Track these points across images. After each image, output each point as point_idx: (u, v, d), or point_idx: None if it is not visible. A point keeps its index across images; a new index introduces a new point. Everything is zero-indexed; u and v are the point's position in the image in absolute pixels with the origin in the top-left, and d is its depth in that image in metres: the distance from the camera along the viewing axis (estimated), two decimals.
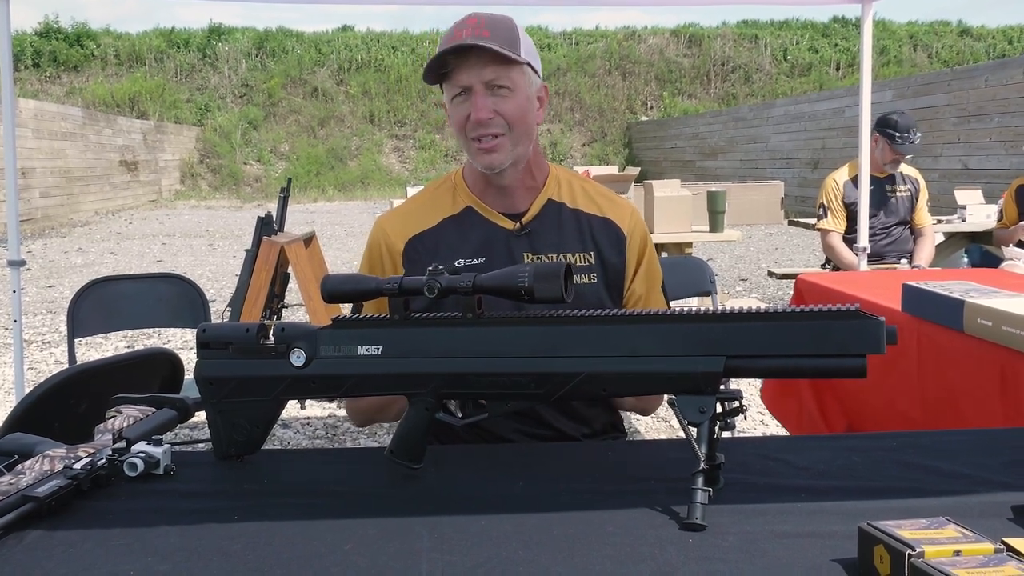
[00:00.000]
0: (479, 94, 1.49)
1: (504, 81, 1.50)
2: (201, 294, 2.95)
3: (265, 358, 1.20)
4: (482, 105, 1.49)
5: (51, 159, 15.83)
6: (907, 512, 0.93)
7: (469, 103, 1.51)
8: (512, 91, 1.51)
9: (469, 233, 1.59)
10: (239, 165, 25.20)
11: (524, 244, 1.58)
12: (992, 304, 1.91)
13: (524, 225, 1.59)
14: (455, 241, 1.59)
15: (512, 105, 1.51)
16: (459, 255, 1.57)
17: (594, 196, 1.66)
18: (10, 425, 1.26)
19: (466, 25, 1.49)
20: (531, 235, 1.59)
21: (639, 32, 30.49)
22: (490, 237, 1.59)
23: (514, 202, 1.61)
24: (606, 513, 1.03)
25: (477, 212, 1.61)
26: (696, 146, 21.39)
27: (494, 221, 1.60)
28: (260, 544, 0.97)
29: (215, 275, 9.25)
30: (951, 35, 29.51)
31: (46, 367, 5.37)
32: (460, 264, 1.55)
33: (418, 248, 1.60)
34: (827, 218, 4.81)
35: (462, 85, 1.51)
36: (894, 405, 2.26)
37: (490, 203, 1.61)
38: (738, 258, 10.42)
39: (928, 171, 7.66)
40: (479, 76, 1.49)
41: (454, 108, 1.54)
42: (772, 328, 1.04)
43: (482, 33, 1.47)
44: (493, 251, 1.57)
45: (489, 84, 1.50)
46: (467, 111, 1.51)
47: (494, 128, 1.51)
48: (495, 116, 1.50)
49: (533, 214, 1.61)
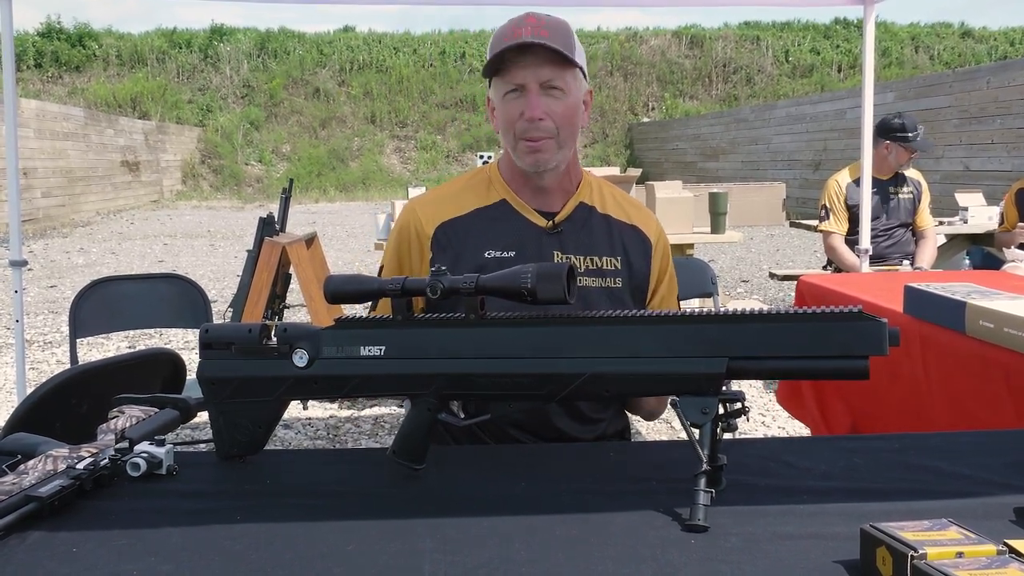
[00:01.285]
0: (533, 93, 1.50)
1: (558, 83, 1.51)
2: (203, 294, 2.95)
3: (267, 358, 1.20)
4: (536, 104, 1.50)
5: (53, 159, 15.83)
6: (910, 514, 0.93)
7: (522, 101, 1.51)
8: (565, 93, 1.52)
9: (501, 226, 1.59)
10: (240, 166, 25.21)
11: (555, 243, 1.59)
12: (994, 306, 1.91)
13: (557, 224, 1.60)
14: (486, 232, 1.59)
15: (563, 107, 1.52)
16: (490, 246, 1.57)
17: (623, 203, 1.68)
18: (13, 425, 1.26)
19: (526, 24, 1.49)
20: (562, 235, 1.60)
21: (640, 33, 30.48)
22: (522, 232, 1.59)
23: (549, 201, 1.61)
24: (608, 514, 1.04)
25: (511, 206, 1.61)
26: (698, 147, 21.37)
27: (527, 217, 1.60)
28: (262, 544, 0.97)
29: (216, 275, 9.25)
30: (953, 37, 29.48)
31: (48, 367, 5.37)
32: (490, 256, 1.55)
33: (448, 234, 1.59)
34: (829, 220, 4.82)
35: (517, 83, 1.51)
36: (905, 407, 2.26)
37: (526, 199, 1.61)
38: (739, 259, 10.42)
39: (930, 173, 7.66)
40: (535, 75, 1.49)
41: (504, 104, 1.54)
42: (774, 329, 1.04)
43: (541, 32, 1.48)
44: (525, 246, 1.57)
45: (544, 84, 1.50)
46: (519, 108, 1.51)
47: (543, 131, 1.52)
48: (546, 118, 1.51)
49: (566, 214, 1.61)
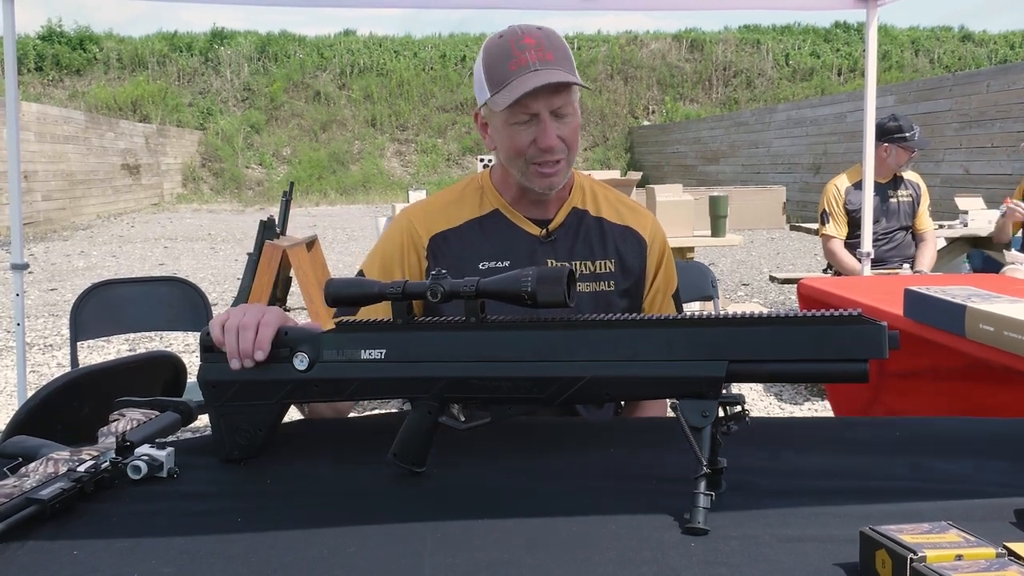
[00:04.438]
0: (547, 122, 1.48)
1: (568, 108, 1.50)
2: (203, 297, 2.95)
3: (268, 361, 1.21)
4: (550, 133, 1.48)
5: (53, 162, 15.84)
6: (909, 516, 0.93)
7: (533, 129, 1.49)
8: (572, 115, 1.51)
9: (495, 236, 1.59)
10: (241, 169, 25.22)
11: (548, 251, 1.59)
12: (994, 309, 1.92)
13: (551, 232, 1.60)
14: (478, 243, 1.59)
15: (571, 128, 1.52)
16: (484, 257, 1.57)
17: (616, 205, 1.67)
18: (13, 428, 1.26)
19: (527, 47, 1.46)
20: (555, 242, 1.59)
21: (641, 37, 30.49)
22: (516, 242, 1.59)
23: (542, 209, 1.61)
24: (608, 516, 1.03)
25: (504, 216, 1.61)
26: (698, 151, 21.38)
27: (521, 226, 1.60)
28: (263, 546, 0.97)
29: (217, 278, 9.25)
30: (953, 40, 29.50)
31: (48, 370, 5.37)
32: (484, 267, 1.55)
33: (442, 245, 1.59)
34: (829, 224, 4.82)
35: (531, 112, 1.48)
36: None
37: (520, 209, 1.61)
38: (740, 263, 10.42)
39: (930, 176, 7.66)
40: (548, 104, 1.48)
41: (513, 131, 1.51)
42: (774, 332, 1.04)
43: (546, 56, 1.46)
44: (518, 255, 1.57)
45: (556, 111, 1.49)
46: (530, 136, 1.50)
47: (557, 155, 1.51)
48: (558, 143, 1.50)
49: (559, 221, 1.61)
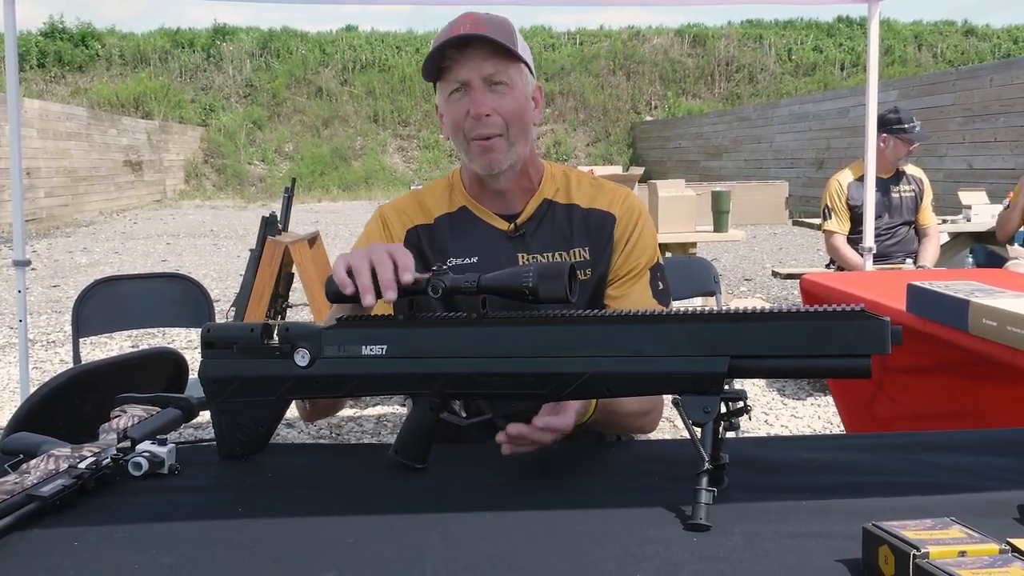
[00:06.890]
0: (478, 89, 1.48)
1: (502, 77, 1.49)
2: (205, 294, 2.95)
3: (269, 358, 1.20)
4: (481, 100, 1.47)
5: (56, 159, 15.84)
6: (912, 512, 0.93)
7: (467, 99, 1.49)
8: (510, 88, 1.50)
9: (462, 233, 1.59)
10: (243, 165, 25.21)
11: (518, 245, 1.58)
12: (997, 304, 1.91)
13: (519, 227, 1.59)
14: (448, 239, 1.59)
15: (510, 102, 1.50)
16: (453, 253, 1.57)
17: (586, 188, 1.64)
18: (15, 424, 1.26)
19: (464, 22, 1.48)
20: (524, 236, 1.58)
21: (643, 32, 30.44)
22: (483, 237, 1.58)
23: (509, 203, 1.60)
24: (611, 512, 1.04)
25: (472, 212, 1.60)
26: (700, 146, 21.35)
27: (488, 222, 1.59)
28: (263, 536, 0.97)
29: (219, 275, 9.26)
30: (956, 35, 29.41)
31: (51, 366, 5.38)
32: (452, 263, 1.55)
33: (416, 241, 1.60)
34: (831, 220, 4.81)
35: (460, 80, 1.48)
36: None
37: (486, 204, 1.60)
38: (742, 258, 10.41)
39: (933, 171, 7.65)
40: (478, 70, 1.47)
41: (450, 106, 1.52)
42: (776, 328, 1.04)
43: (479, 28, 1.46)
44: (486, 251, 1.56)
45: (488, 80, 1.48)
46: (465, 107, 1.49)
47: (492, 127, 1.49)
48: (493, 114, 1.49)
49: (528, 215, 1.60)
